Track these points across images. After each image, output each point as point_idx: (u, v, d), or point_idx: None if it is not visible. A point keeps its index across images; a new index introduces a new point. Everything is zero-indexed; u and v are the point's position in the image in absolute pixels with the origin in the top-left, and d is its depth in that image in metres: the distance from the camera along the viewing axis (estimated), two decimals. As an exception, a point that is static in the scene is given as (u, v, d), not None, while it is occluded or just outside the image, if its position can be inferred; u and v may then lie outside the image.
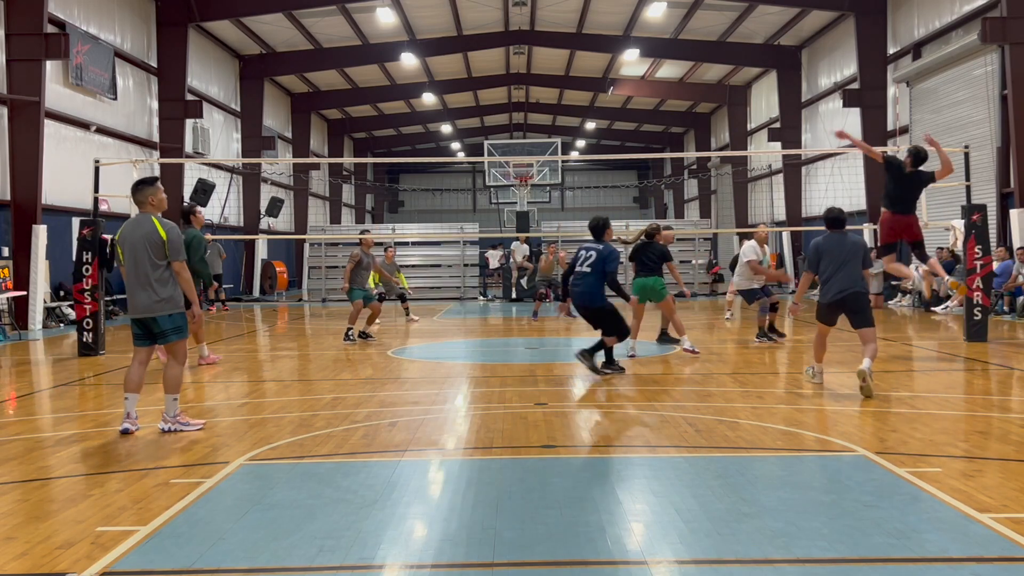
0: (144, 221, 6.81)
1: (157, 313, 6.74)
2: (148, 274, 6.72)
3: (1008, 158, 17.77)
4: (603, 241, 9.71)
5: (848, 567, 3.78)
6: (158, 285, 6.73)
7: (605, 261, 9.42)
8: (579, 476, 5.33)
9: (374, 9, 25.44)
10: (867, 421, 6.87)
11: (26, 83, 16.66)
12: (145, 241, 6.73)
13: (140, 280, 6.75)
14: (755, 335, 12.86)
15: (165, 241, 6.72)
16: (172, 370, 6.87)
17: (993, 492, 4.77)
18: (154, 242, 6.72)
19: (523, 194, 28.09)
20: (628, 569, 3.79)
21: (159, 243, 6.72)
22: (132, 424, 6.72)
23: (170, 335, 6.81)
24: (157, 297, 6.73)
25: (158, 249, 6.73)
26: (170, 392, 6.82)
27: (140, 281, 6.75)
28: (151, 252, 6.72)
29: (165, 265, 6.76)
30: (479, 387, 8.94)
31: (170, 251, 6.75)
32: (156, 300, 6.73)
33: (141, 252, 6.73)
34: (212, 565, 3.86)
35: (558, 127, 46.45)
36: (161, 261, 6.74)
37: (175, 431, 6.73)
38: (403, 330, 16.12)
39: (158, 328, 6.79)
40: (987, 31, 17.24)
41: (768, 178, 32.87)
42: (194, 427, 6.82)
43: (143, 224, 6.79)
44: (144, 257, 6.72)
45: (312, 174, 35.86)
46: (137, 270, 6.75)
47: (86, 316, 12.12)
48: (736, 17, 26.58)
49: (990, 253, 12.87)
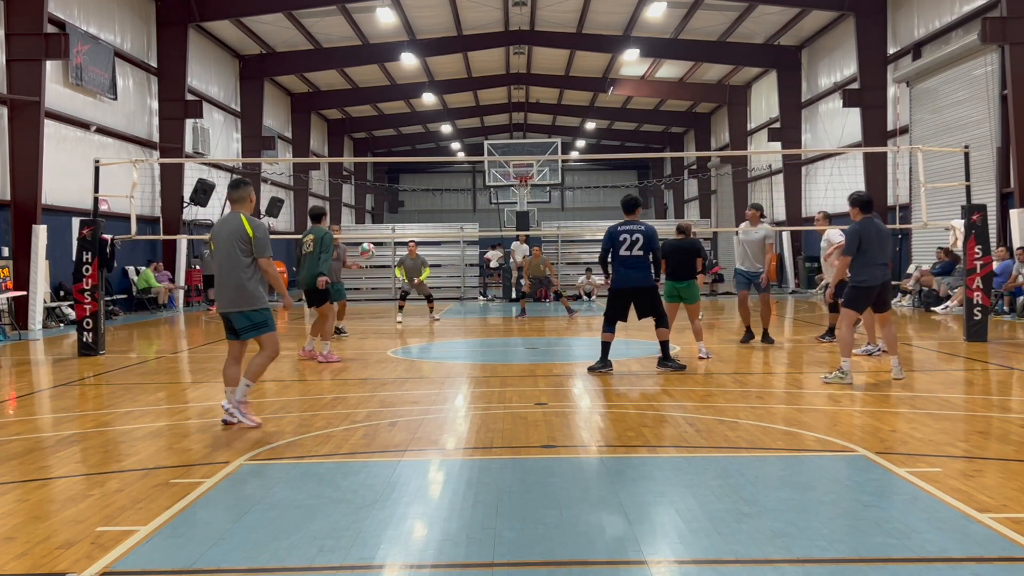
0: (232, 219, 6.89)
1: (234, 309, 6.84)
2: (230, 271, 6.81)
3: (1008, 158, 17.77)
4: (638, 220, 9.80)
5: (848, 567, 3.78)
6: (240, 282, 6.80)
7: (652, 240, 9.54)
8: (579, 476, 5.32)
9: (374, 9, 25.44)
10: (867, 421, 6.87)
11: (26, 83, 16.66)
12: (232, 238, 6.81)
13: (223, 276, 6.86)
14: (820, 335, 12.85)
15: (252, 238, 6.78)
16: (258, 359, 6.94)
17: (993, 492, 4.77)
18: (241, 239, 6.79)
19: (523, 194, 28.08)
20: (628, 569, 3.79)
21: (246, 240, 6.79)
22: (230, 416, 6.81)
23: (248, 332, 6.88)
24: (237, 294, 6.82)
25: (244, 246, 6.79)
26: (248, 377, 6.88)
27: (224, 277, 6.86)
28: (236, 249, 6.79)
29: (248, 263, 6.81)
30: (479, 387, 8.93)
31: (256, 248, 6.81)
32: (236, 297, 6.82)
33: (227, 249, 6.81)
34: (212, 565, 3.86)
35: (558, 127, 46.44)
36: (245, 258, 6.80)
37: (232, 415, 6.77)
38: (400, 331, 16.12)
39: (236, 325, 6.88)
40: (987, 31, 17.24)
41: (768, 178, 32.87)
42: (251, 423, 6.83)
43: (231, 222, 6.88)
44: (228, 254, 6.81)
45: (312, 174, 35.86)
46: (221, 266, 6.87)
47: (86, 316, 12.11)
48: (736, 17, 26.57)
49: (990, 253, 12.87)
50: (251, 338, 6.92)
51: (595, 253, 28.40)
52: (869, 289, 8.54)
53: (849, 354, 8.63)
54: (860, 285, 8.53)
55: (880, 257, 8.53)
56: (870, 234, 8.49)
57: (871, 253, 8.45)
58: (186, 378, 10.33)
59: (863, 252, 8.42)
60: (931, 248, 20.56)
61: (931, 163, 18.89)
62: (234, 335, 6.97)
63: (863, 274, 8.48)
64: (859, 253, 8.44)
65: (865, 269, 8.48)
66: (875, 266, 8.51)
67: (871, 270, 8.49)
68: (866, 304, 8.70)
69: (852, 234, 8.56)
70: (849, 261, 8.53)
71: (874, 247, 8.47)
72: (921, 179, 13.84)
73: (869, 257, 8.46)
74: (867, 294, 8.57)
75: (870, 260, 8.47)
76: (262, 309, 6.91)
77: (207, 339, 14.85)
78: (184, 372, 10.87)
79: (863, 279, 8.52)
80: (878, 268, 8.55)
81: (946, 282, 18.27)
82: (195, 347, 13.66)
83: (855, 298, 8.60)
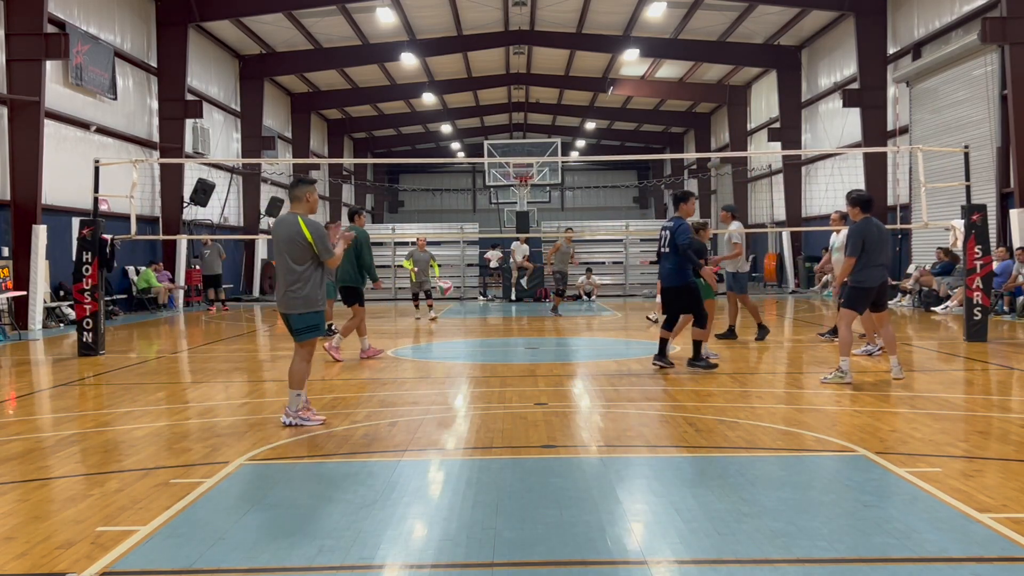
0: (291, 220, 6.85)
1: (291, 311, 6.85)
2: (287, 272, 6.81)
3: (1008, 158, 17.77)
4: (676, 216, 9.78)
5: (848, 567, 3.78)
6: (296, 284, 6.80)
7: (676, 235, 9.52)
8: (579, 476, 5.32)
9: (374, 9, 25.43)
10: (867, 421, 6.86)
11: (26, 83, 16.65)
12: (289, 240, 6.79)
13: (281, 277, 6.89)
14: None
15: (311, 243, 6.75)
16: (296, 365, 6.92)
17: (993, 492, 4.77)
18: (297, 242, 6.77)
19: (523, 194, 28.08)
20: (628, 569, 3.79)
21: (304, 244, 6.75)
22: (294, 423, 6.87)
23: (303, 333, 6.89)
24: (293, 295, 6.81)
25: (301, 249, 6.76)
26: (293, 387, 6.88)
27: (281, 278, 6.88)
28: (293, 251, 6.78)
29: (308, 265, 6.79)
30: (479, 387, 8.93)
31: (320, 250, 6.78)
32: (292, 298, 6.82)
33: (284, 250, 6.81)
34: (212, 565, 3.86)
35: (558, 127, 46.43)
36: (303, 262, 6.78)
37: (296, 425, 6.79)
38: (396, 330, 16.12)
39: (292, 326, 6.90)
40: (987, 31, 17.24)
41: (768, 178, 32.87)
42: (316, 422, 6.87)
43: (289, 223, 6.84)
44: (285, 255, 6.81)
45: (312, 174, 35.85)
46: (279, 267, 6.90)
47: (86, 316, 12.11)
48: (736, 17, 26.57)
49: (990, 253, 12.87)
50: (304, 340, 6.90)
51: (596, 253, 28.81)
52: (868, 290, 8.58)
53: (848, 353, 8.65)
54: (859, 286, 8.55)
55: (880, 258, 8.55)
56: (872, 235, 8.50)
57: (872, 254, 8.47)
58: (186, 378, 10.33)
59: (864, 252, 8.43)
60: (931, 248, 20.56)
61: (931, 163, 18.89)
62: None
63: (862, 275, 8.50)
64: (861, 253, 8.45)
65: (864, 270, 8.49)
66: (875, 267, 8.53)
67: (870, 271, 8.51)
68: (866, 305, 8.74)
69: (855, 234, 8.55)
70: (854, 262, 8.50)
71: (875, 248, 8.49)
72: (921, 179, 13.83)
73: (870, 258, 8.47)
74: (866, 295, 8.61)
75: (870, 261, 8.48)
76: (318, 311, 6.92)
77: (207, 339, 14.85)
78: (184, 372, 10.87)
79: (862, 280, 8.54)
80: (877, 269, 8.57)
81: (946, 282, 18.27)
82: (195, 347, 13.66)
83: (855, 299, 8.63)
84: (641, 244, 28.58)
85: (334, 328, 14.21)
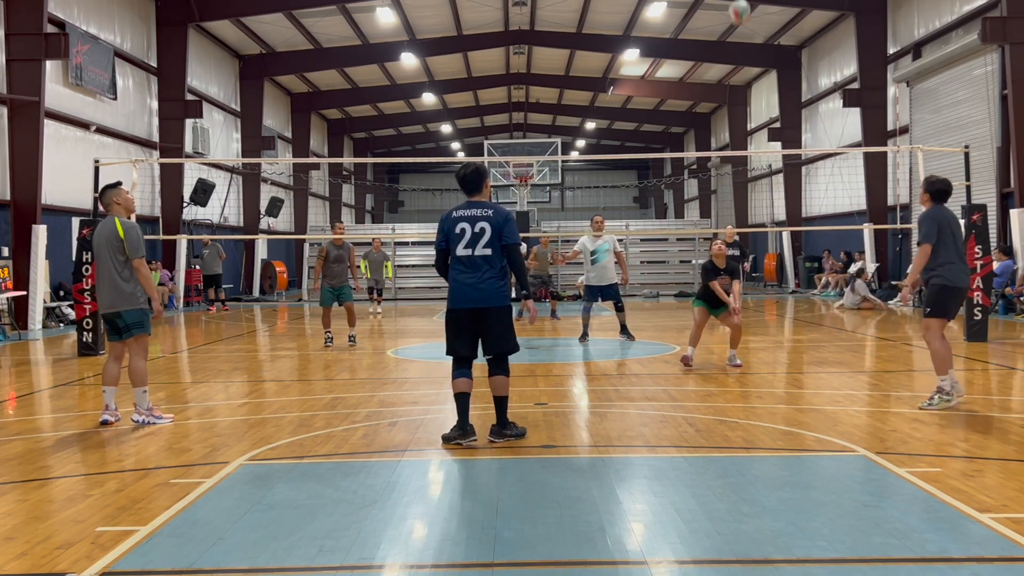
0: (109, 222, 7.17)
1: (120, 308, 7.09)
2: (111, 271, 7.09)
3: (1008, 158, 17.76)
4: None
5: (848, 567, 3.78)
6: (121, 282, 7.08)
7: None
8: (579, 476, 5.32)
9: (374, 9, 25.43)
10: (867, 421, 6.86)
11: (26, 83, 16.64)
12: (108, 241, 7.10)
13: (105, 277, 7.13)
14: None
15: (124, 240, 7.05)
16: (135, 363, 7.18)
17: (993, 492, 4.77)
18: (113, 243, 7.08)
19: (523, 194, 28.07)
20: (628, 569, 3.79)
21: (119, 244, 7.07)
22: (112, 415, 7.09)
23: (133, 329, 7.15)
24: (119, 293, 7.08)
25: (119, 249, 7.07)
26: (137, 385, 7.13)
27: (105, 278, 7.13)
28: (114, 251, 7.08)
29: (124, 262, 7.09)
30: (479, 387, 8.90)
31: (129, 249, 7.07)
32: (119, 296, 7.08)
33: (104, 252, 7.11)
34: (212, 565, 3.86)
35: (558, 127, 46.42)
36: (124, 261, 7.08)
37: (148, 423, 7.01)
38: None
39: (123, 322, 7.12)
40: (987, 31, 17.23)
41: (768, 178, 32.86)
42: (166, 420, 7.12)
43: (108, 224, 7.16)
44: (107, 256, 7.09)
45: (312, 174, 35.84)
46: (101, 269, 7.15)
47: (86, 316, 12.10)
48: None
49: (990, 253, 12.86)
50: (134, 336, 7.16)
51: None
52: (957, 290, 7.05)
53: (947, 370, 7.03)
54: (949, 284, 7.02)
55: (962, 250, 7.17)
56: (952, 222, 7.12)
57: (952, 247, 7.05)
58: (186, 378, 10.32)
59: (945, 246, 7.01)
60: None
61: (931, 163, 18.87)
62: (117, 336, 7.22)
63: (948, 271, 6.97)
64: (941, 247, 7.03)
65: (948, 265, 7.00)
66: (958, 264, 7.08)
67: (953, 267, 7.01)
68: (957, 308, 7.21)
69: (929, 219, 7.11)
70: (929, 250, 7.02)
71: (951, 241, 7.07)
72: (921, 179, 13.81)
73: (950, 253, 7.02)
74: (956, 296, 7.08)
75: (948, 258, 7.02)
76: (144, 308, 7.22)
77: (207, 339, 14.84)
78: (184, 372, 10.86)
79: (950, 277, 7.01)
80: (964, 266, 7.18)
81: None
82: (195, 347, 13.65)
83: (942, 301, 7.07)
84: (641, 244, 28.55)
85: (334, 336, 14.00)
